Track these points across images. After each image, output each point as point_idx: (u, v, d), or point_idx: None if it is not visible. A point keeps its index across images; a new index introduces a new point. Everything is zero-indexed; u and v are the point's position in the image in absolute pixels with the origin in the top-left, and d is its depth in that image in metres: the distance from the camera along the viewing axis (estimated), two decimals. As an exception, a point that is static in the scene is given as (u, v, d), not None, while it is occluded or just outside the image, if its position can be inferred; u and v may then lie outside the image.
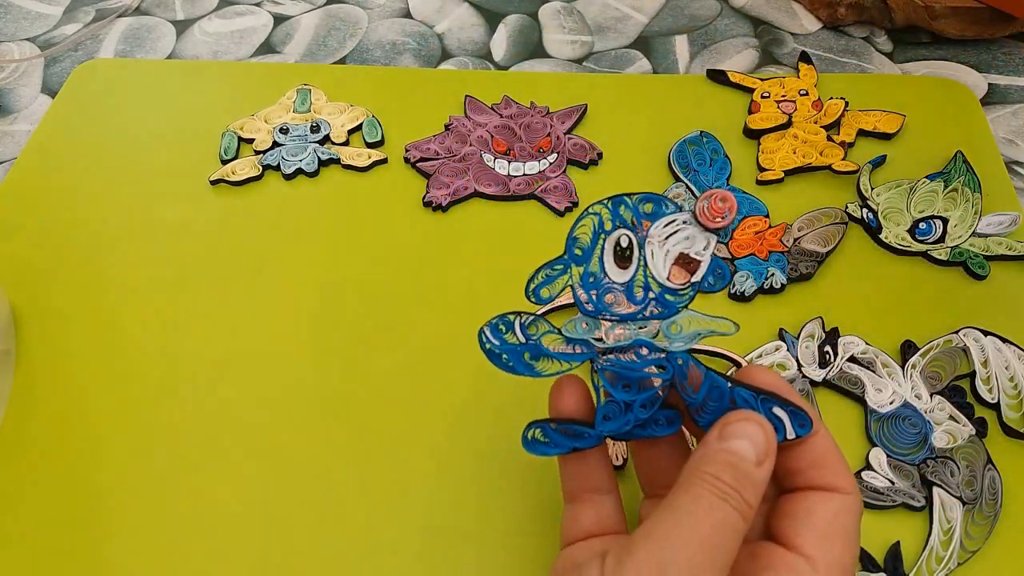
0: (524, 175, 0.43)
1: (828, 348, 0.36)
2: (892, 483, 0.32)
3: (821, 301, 0.38)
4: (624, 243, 0.24)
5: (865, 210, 0.41)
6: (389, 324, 0.38)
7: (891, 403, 0.34)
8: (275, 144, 0.46)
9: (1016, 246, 0.39)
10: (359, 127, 0.47)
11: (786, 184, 0.43)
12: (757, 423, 0.22)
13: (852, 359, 0.36)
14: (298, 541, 0.32)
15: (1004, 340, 0.36)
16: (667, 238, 0.24)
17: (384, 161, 0.45)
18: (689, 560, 0.20)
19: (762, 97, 0.47)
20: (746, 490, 0.21)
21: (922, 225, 0.41)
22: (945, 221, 0.40)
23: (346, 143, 0.46)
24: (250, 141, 0.46)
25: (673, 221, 0.24)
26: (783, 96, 0.47)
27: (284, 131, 0.46)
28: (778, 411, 0.23)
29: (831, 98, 0.46)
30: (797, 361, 0.36)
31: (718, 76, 0.49)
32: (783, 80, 0.48)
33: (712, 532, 0.20)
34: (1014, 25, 0.51)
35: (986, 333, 0.36)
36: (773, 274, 0.38)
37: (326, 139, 0.46)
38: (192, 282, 0.40)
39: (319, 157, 0.45)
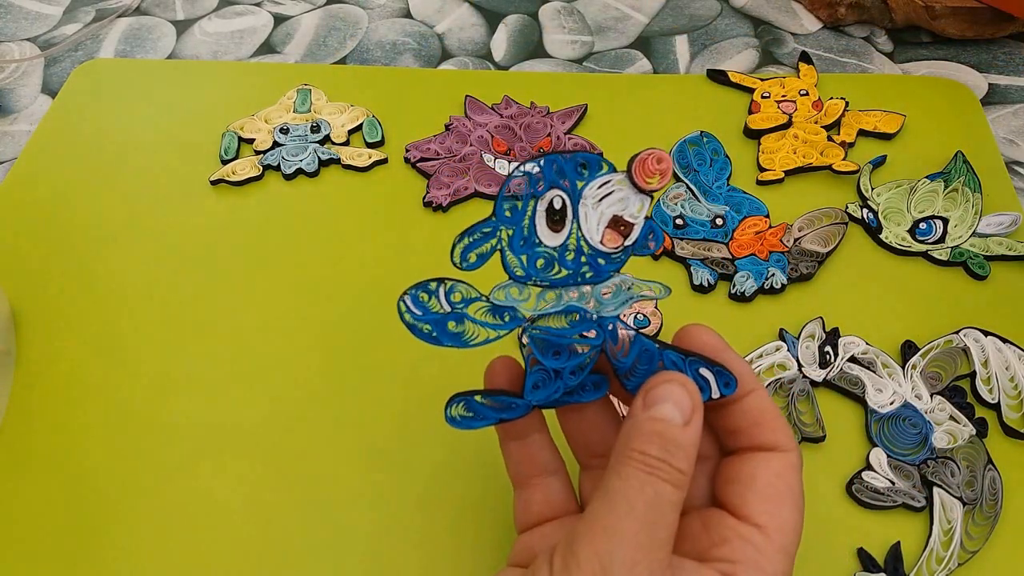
0: (524, 175, 0.43)
1: (828, 348, 0.36)
2: (892, 483, 0.32)
3: (821, 301, 0.38)
4: (557, 205, 0.22)
5: (865, 210, 0.41)
6: (389, 324, 0.38)
7: (891, 403, 0.34)
8: (275, 144, 0.46)
9: (1016, 246, 0.39)
10: (359, 127, 0.47)
11: (786, 184, 0.43)
12: (678, 383, 0.22)
13: (852, 359, 0.36)
14: (298, 540, 0.32)
15: (1004, 340, 0.36)
16: (601, 200, 0.22)
17: (384, 161, 0.45)
18: (630, 544, 0.20)
19: (762, 97, 0.47)
20: (675, 457, 0.21)
21: (922, 225, 0.41)
22: (945, 221, 0.40)
23: (346, 143, 0.46)
24: (250, 141, 0.46)
25: (608, 182, 0.22)
26: (783, 96, 0.47)
27: (284, 131, 0.46)
28: (704, 372, 0.23)
29: (831, 98, 0.46)
30: (797, 361, 0.36)
31: (718, 76, 0.49)
32: (783, 80, 0.48)
33: (647, 510, 0.20)
34: (1014, 25, 0.51)
35: (986, 333, 0.36)
36: (773, 274, 0.38)
37: (326, 139, 0.46)
38: (192, 282, 0.40)
39: (319, 157, 0.45)
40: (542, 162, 0.22)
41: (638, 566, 0.20)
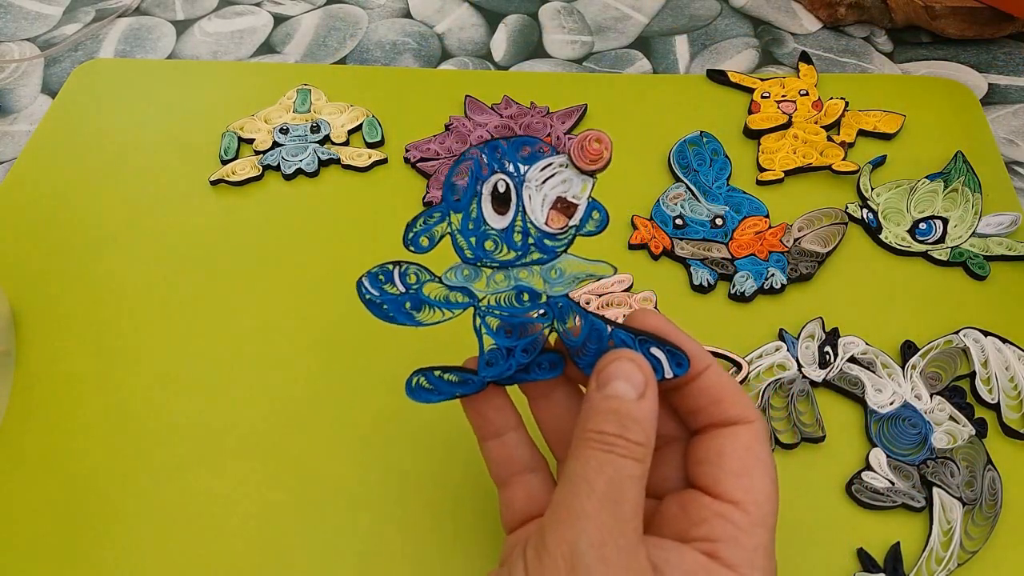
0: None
1: (828, 348, 0.36)
2: (892, 484, 0.32)
3: (821, 301, 0.38)
4: (501, 188, 0.23)
5: (865, 210, 0.41)
6: (388, 324, 0.38)
7: (891, 403, 0.34)
8: (275, 144, 0.46)
9: (1016, 246, 0.39)
10: (359, 127, 0.47)
11: (786, 184, 0.43)
12: (628, 359, 0.23)
13: (852, 359, 0.36)
14: (297, 539, 0.32)
15: (1004, 340, 0.36)
16: (544, 182, 0.23)
17: (384, 161, 0.45)
18: (594, 525, 0.20)
19: (762, 97, 0.47)
20: (631, 431, 0.21)
21: (922, 225, 0.41)
22: (945, 221, 0.40)
23: (346, 143, 0.46)
24: (250, 141, 0.46)
25: (550, 164, 0.23)
26: (783, 96, 0.47)
27: (284, 131, 0.46)
28: (655, 351, 0.24)
29: (831, 98, 0.46)
30: (797, 361, 0.36)
31: (718, 76, 0.49)
32: (783, 80, 0.48)
33: (608, 489, 0.20)
34: (1014, 25, 0.51)
35: (986, 333, 0.36)
36: (773, 274, 0.38)
37: (326, 139, 0.46)
38: (192, 282, 0.40)
39: (319, 157, 0.45)
40: (485, 148, 0.23)
41: (606, 546, 0.20)
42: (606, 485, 0.20)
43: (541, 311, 0.24)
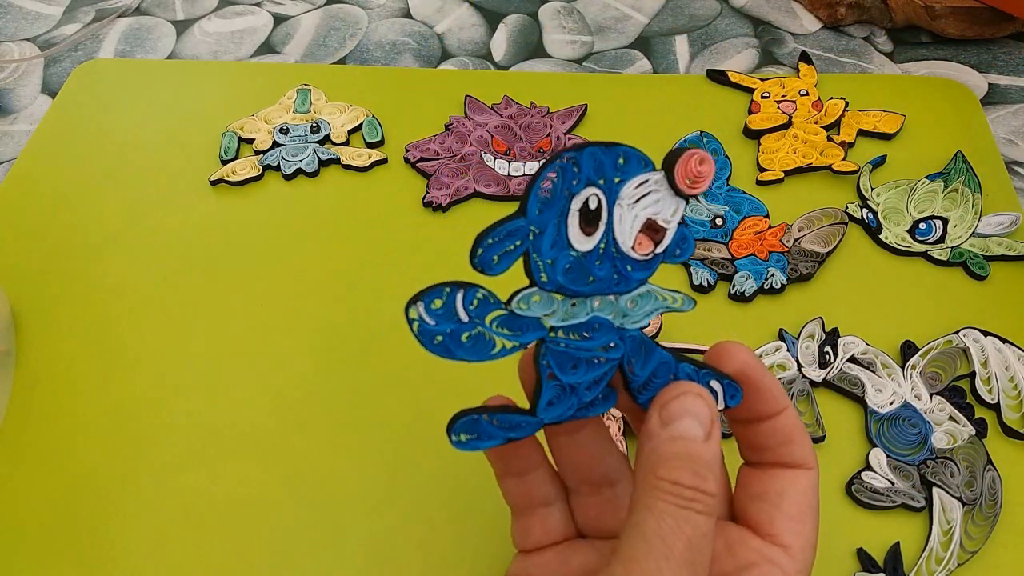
0: (524, 175, 0.43)
1: (828, 348, 0.36)
2: (892, 484, 0.32)
3: (821, 301, 0.38)
4: (592, 204, 0.20)
5: (865, 210, 0.41)
6: (389, 324, 0.38)
7: (891, 403, 0.34)
8: (275, 144, 0.46)
9: (1016, 246, 0.39)
10: (359, 127, 0.47)
11: (786, 184, 0.43)
12: (694, 394, 0.21)
13: (852, 359, 0.36)
14: (297, 541, 0.32)
15: (1004, 340, 0.36)
16: (637, 201, 0.20)
17: (384, 161, 0.45)
18: None
19: (762, 97, 0.47)
20: (706, 481, 0.20)
21: (922, 225, 0.41)
22: (945, 221, 0.40)
23: (346, 143, 0.46)
24: (250, 141, 0.46)
25: (646, 181, 0.20)
26: (783, 96, 0.47)
27: (284, 131, 0.46)
28: (714, 384, 0.22)
29: (831, 98, 0.46)
30: (797, 361, 0.36)
31: (718, 76, 0.49)
32: (783, 80, 0.48)
33: (687, 551, 0.19)
34: (1014, 25, 0.51)
35: (986, 333, 0.36)
36: (773, 274, 0.38)
37: (326, 139, 0.46)
38: (192, 282, 0.40)
39: (319, 157, 0.45)
40: (582, 155, 0.19)
41: None
42: (684, 547, 0.19)
43: (612, 344, 0.21)
